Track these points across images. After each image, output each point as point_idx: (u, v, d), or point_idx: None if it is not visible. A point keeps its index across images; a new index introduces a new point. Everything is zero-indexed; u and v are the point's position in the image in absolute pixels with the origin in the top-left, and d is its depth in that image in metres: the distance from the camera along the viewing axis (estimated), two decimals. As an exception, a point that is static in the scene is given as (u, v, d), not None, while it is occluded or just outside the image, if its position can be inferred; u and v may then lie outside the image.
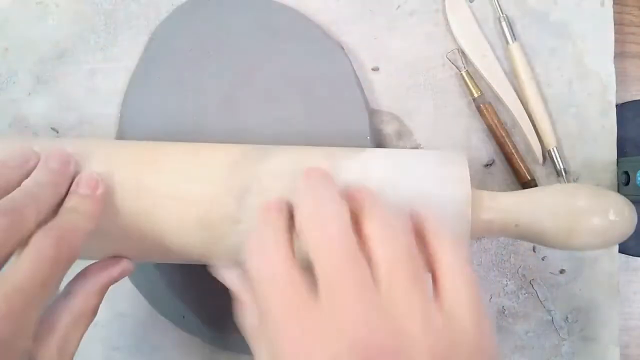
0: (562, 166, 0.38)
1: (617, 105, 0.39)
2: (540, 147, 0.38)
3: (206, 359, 0.39)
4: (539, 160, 0.39)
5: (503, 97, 0.38)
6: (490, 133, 0.39)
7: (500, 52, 0.39)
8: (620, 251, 0.39)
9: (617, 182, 0.39)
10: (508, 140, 0.38)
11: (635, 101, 0.40)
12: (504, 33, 0.39)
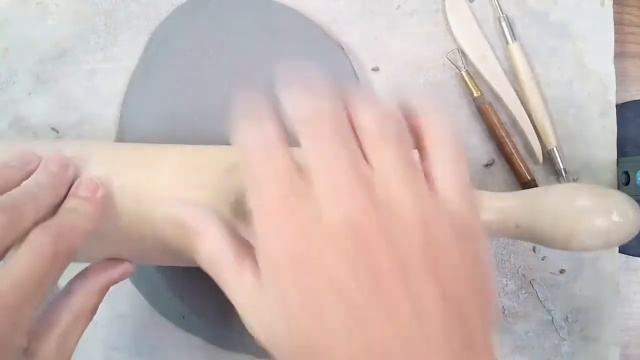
0: (562, 166, 0.38)
1: (617, 105, 0.39)
2: (540, 147, 0.38)
3: (206, 359, 0.39)
4: (539, 160, 0.39)
5: (503, 97, 0.38)
6: (490, 133, 0.39)
7: (500, 52, 0.39)
8: (620, 251, 0.39)
9: (617, 182, 0.39)
10: (508, 140, 0.38)
11: (635, 101, 0.40)
12: (504, 33, 0.39)
